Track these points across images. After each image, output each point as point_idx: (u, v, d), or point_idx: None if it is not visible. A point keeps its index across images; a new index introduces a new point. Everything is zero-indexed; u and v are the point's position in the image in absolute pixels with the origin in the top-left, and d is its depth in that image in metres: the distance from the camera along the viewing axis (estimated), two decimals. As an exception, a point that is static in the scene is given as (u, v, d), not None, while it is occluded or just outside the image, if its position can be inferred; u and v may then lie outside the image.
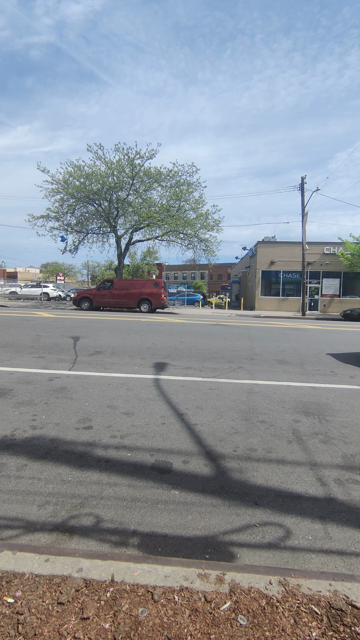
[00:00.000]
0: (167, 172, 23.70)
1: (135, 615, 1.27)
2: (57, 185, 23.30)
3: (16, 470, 2.36)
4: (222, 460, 2.61)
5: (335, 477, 2.42)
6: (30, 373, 4.87)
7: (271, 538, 1.81)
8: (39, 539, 1.75)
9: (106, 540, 1.75)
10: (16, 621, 1.23)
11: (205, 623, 1.25)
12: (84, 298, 20.14)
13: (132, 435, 2.97)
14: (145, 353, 6.67)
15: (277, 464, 2.56)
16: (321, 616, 1.29)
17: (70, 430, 3.01)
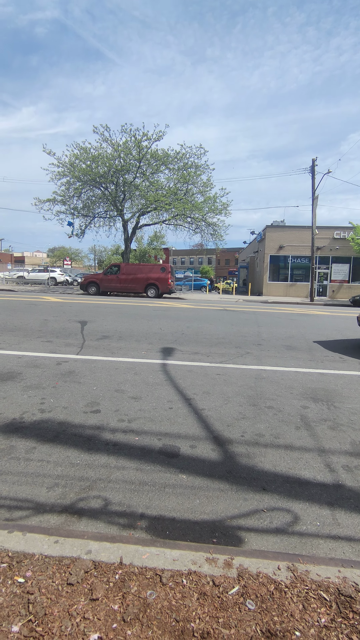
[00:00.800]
0: (175, 154, 23.22)
1: (144, 597, 1.27)
2: (63, 168, 23.01)
3: (25, 452, 2.39)
4: (229, 445, 2.60)
5: (344, 463, 2.40)
6: (38, 357, 4.89)
7: (279, 523, 1.81)
8: (48, 520, 1.77)
9: (114, 523, 1.77)
10: (27, 600, 1.24)
11: (213, 607, 1.25)
12: (90, 283, 20.14)
13: (140, 419, 2.98)
14: (152, 338, 6.67)
15: (285, 450, 2.55)
16: (330, 602, 1.28)
17: (78, 414, 3.03)
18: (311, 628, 1.19)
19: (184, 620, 1.20)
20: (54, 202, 23.70)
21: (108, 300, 15.57)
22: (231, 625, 1.19)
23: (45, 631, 1.13)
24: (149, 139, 22.44)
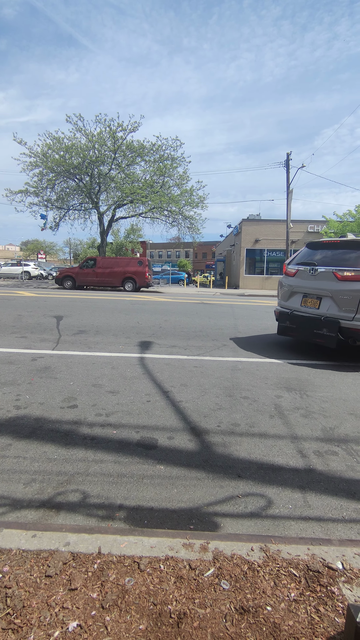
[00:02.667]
0: (151, 146, 22.97)
1: (122, 584, 1.31)
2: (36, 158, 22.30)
3: (0, 449, 2.35)
4: (206, 435, 2.66)
5: (315, 449, 2.51)
6: (12, 353, 4.79)
7: (253, 508, 1.89)
8: (25, 515, 1.76)
9: (93, 515, 1.78)
10: (4, 595, 1.25)
11: (189, 589, 1.30)
12: (66, 277, 19.75)
13: (118, 413, 2.99)
14: (130, 332, 6.65)
15: (260, 438, 2.64)
16: (299, 578, 1.36)
17: (55, 410, 3.00)
18: (282, 602, 1.26)
19: (162, 603, 1.24)
20: (26, 193, 22.97)
21: (84, 295, 15.34)
22: (206, 605, 1.24)
23: (24, 622, 1.15)
24: (124, 129, 22.10)
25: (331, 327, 4.65)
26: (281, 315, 5.53)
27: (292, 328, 5.33)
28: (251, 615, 1.20)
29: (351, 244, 4.96)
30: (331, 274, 4.84)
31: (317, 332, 4.84)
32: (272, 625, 1.17)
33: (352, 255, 4.79)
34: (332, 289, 4.78)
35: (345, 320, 4.56)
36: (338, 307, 4.68)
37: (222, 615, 1.20)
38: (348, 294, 4.57)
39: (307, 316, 5.06)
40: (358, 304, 4.45)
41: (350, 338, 4.57)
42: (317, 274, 5.07)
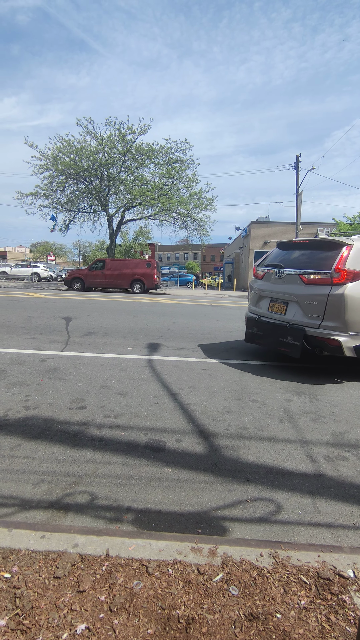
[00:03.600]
0: (160, 148, 23.09)
1: (130, 587, 1.30)
2: (46, 161, 22.59)
3: (10, 449, 2.37)
4: (214, 438, 2.65)
5: (325, 454, 2.48)
6: (22, 354, 4.84)
7: (262, 513, 1.87)
8: (34, 516, 1.77)
9: (101, 517, 1.78)
10: (13, 595, 1.25)
11: (198, 594, 1.29)
12: (75, 278, 19.91)
13: (126, 414, 2.99)
14: (138, 334, 6.66)
15: (269, 442, 2.62)
16: (310, 585, 1.34)
17: (63, 411, 3.02)
18: (292, 610, 1.24)
19: (170, 608, 1.23)
20: (36, 196, 23.28)
21: (93, 296, 15.43)
22: (215, 610, 1.23)
23: (32, 623, 1.15)
24: (134, 132, 22.24)
25: (296, 335, 4.20)
26: (249, 321, 5.10)
27: (259, 335, 4.84)
28: (261, 623, 1.19)
29: (320, 244, 4.50)
30: (297, 277, 4.39)
31: (282, 340, 4.38)
32: (282, 633, 1.15)
33: (320, 256, 4.33)
34: (298, 294, 4.33)
35: (311, 328, 4.11)
36: (304, 313, 4.24)
37: (231, 621, 1.19)
38: (314, 299, 4.13)
39: (273, 323, 4.60)
40: (324, 310, 4.01)
41: (317, 347, 4.11)
42: (283, 276, 4.63)
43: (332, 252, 4.15)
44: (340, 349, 3.87)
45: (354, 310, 3.85)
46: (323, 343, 4.00)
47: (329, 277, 4.01)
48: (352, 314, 3.84)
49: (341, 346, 3.85)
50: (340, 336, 3.88)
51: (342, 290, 3.89)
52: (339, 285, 3.94)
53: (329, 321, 3.97)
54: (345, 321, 3.86)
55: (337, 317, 3.90)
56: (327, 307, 3.98)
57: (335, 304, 3.92)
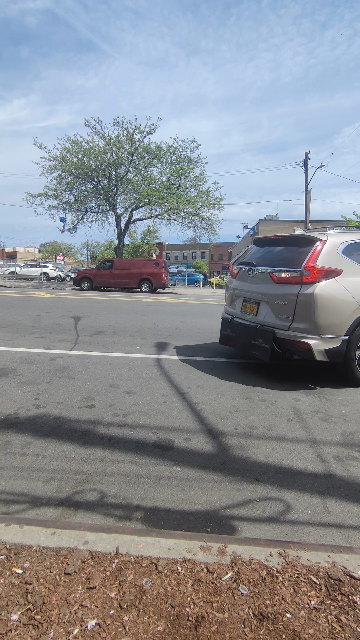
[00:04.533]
0: (168, 147, 23.08)
1: (140, 585, 1.31)
2: (55, 162, 22.76)
3: (21, 447, 2.40)
4: (223, 437, 2.65)
5: (335, 454, 2.46)
6: (32, 353, 4.89)
7: (271, 512, 1.86)
8: (45, 513, 1.79)
9: (110, 515, 1.80)
10: (25, 590, 1.27)
11: (207, 592, 1.29)
12: (84, 278, 20.05)
13: (135, 413, 3.01)
14: (147, 333, 6.68)
15: (278, 442, 2.60)
16: (320, 586, 1.33)
17: (73, 409, 3.05)
18: (301, 610, 1.23)
19: (179, 606, 1.23)
20: (45, 196, 23.48)
21: (101, 296, 15.52)
22: (225, 609, 1.23)
23: (44, 619, 1.16)
24: (142, 132, 22.27)
25: (266, 338, 3.90)
26: (223, 323, 4.82)
27: (232, 337, 4.57)
28: (270, 622, 1.18)
29: (293, 240, 4.20)
30: (268, 275, 4.10)
31: (253, 343, 4.10)
32: (291, 633, 1.15)
33: (292, 253, 4.03)
34: (268, 293, 4.05)
35: (281, 330, 3.81)
36: (274, 314, 3.95)
37: (240, 620, 1.19)
38: (284, 299, 3.83)
39: (245, 324, 4.31)
40: (294, 310, 3.71)
41: (287, 351, 3.83)
42: (254, 275, 4.34)
43: (305, 249, 3.87)
44: (311, 353, 3.62)
45: (325, 311, 3.59)
46: (293, 346, 3.73)
47: (299, 275, 3.74)
48: (323, 315, 3.58)
49: (311, 349, 3.59)
50: (311, 339, 3.61)
51: (312, 290, 3.61)
52: (309, 284, 3.66)
53: (299, 323, 3.69)
54: (316, 323, 3.60)
55: (307, 319, 3.64)
56: (296, 307, 3.71)
57: (305, 304, 3.65)
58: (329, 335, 3.62)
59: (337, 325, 3.63)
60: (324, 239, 3.82)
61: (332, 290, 3.62)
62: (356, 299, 3.65)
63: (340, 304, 3.63)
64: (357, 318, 3.65)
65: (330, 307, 3.60)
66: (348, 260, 3.79)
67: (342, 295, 3.63)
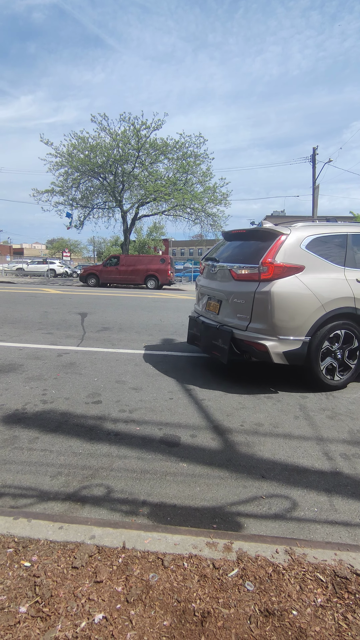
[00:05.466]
0: (174, 143, 22.93)
1: (147, 579, 1.32)
2: (61, 158, 22.75)
3: (28, 442, 2.43)
4: (229, 434, 2.65)
5: (342, 451, 2.44)
6: (39, 349, 4.93)
7: (277, 509, 1.86)
8: (52, 507, 1.81)
9: (117, 510, 1.81)
10: (33, 583, 1.29)
11: (213, 588, 1.30)
12: (90, 274, 20.10)
13: (141, 409, 3.02)
14: (153, 329, 6.69)
15: (284, 439, 2.60)
16: (326, 583, 1.33)
17: (80, 405, 3.07)
18: (308, 607, 1.23)
19: (185, 601, 1.24)
20: (52, 193, 23.51)
21: (108, 292, 15.57)
22: (231, 605, 1.23)
23: (51, 611, 1.18)
24: (148, 127, 22.15)
25: (225, 338, 3.66)
26: (190, 321, 4.58)
27: (197, 336, 4.30)
28: (276, 619, 1.19)
29: (255, 234, 3.93)
30: (228, 272, 3.86)
31: (214, 343, 3.86)
32: (297, 630, 1.15)
33: (253, 248, 3.75)
34: (227, 291, 3.82)
35: (239, 330, 3.57)
36: (233, 313, 3.71)
37: (246, 616, 1.19)
38: (242, 297, 3.59)
39: (207, 323, 4.06)
40: (252, 309, 3.48)
41: (245, 352, 3.61)
42: (216, 271, 4.12)
43: (266, 244, 3.60)
44: (268, 355, 3.38)
45: (283, 310, 3.35)
46: (250, 347, 3.49)
47: (257, 272, 3.51)
48: (281, 315, 3.35)
49: (268, 352, 3.36)
50: (268, 340, 3.37)
51: (268, 288, 3.37)
52: (266, 282, 3.42)
53: (257, 323, 3.46)
54: (273, 323, 3.36)
55: (264, 319, 3.40)
56: (254, 306, 3.47)
57: (261, 303, 3.41)
58: (287, 336, 3.39)
59: (297, 325, 3.39)
60: (286, 233, 3.54)
61: (291, 288, 3.37)
62: (319, 298, 3.39)
63: (300, 303, 3.37)
64: (319, 318, 3.40)
65: (289, 307, 3.36)
66: (312, 256, 3.53)
67: (303, 293, 3.38)
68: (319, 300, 3.39)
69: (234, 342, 3.62)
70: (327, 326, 3.46)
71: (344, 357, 3.61)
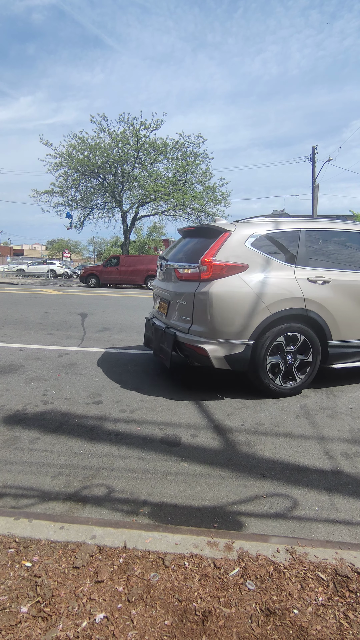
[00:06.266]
0: (173, 143, 22.95)
1: (147, 579, 1.32)
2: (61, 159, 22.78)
3: (29, 443, 2.43)
4: (230, 434, 2.65)
5: (343, 450, 2.44)
6: (39, 349, 4.93)
7: (278, 508, 1.86)
8: (53, 507, 1.81)
9: (118, 510, 1.81)
10: (34, 583, 1.29)
11: (214, 587, 1.30)
12: (90, 275, 20.11)
13: (141, 409, 3.02)
14: (153, 329, 6.69)
15: (285, 438, 2.60)
16: (327, 582, 1.33)
17: (80, 405, 3.07)
18: (309, 606, 1.23)
19: (187, 600, 1.24)
20: (52, 193, 23.53)
21: (108, 292, 15.57)
22: (232, 604, 1.23)
23: (53, 611, 1.18)
24: (147, 128, 22.16)
25: (169, 341, 3.44)
26: (146, 323, 4.31)
27: (151, 339, 4.05)
28: (277, 618, 1.19)
29: (202, 231, 3.73)
30: (173, 271, 3.65)
31: (161, 346, 3.63)
32: (299, 628, 1.15)
33: (198, 246, 3.52)
34: (172, 291, 3.61)
35: (182, 333, 3.34)
36: (178, 315, 3.49)
37: (247, 615, 1.19)
38: (184, 298, 3.36)
39: (157, 325, 3.85)
40: (193, 311, 3.24)
41: (187, 356, 3.41)
42: (165, 270, 3.91)
43: (209, 241, 3.38)
44: (208, 359, 3.18)
45: (222, 312, 3.12)
46: (192, 351, 3.27)
47: (197, 271, 3.28)
48: (221, 317, 3.12)
49: (208, 356, 3.15)
50: (208, 344, 3.16)
51: (207, 288, 3.14)
52: (206, 282, 3.19)
53: (198, 325, 3.24)
54: (213, 326, 3.14)
55: (204, 321, 3.18)
56: (194, 308, 3.24)
57: (201, 304, 3.18)
58: (229, 340, 3.16)
59: (239, 328, 3.15)
60: (230, 230, 3.32)
61: (232, 288, 3.14)
62: (262, 299, 3.15)
63: (241, 304, 3.14)
64: (264, 320, 3.16)
65: (230, 308, 3.13)
66: (258, 254, 3.28)
67: (245, 294, 3.14)
68: (263, 302, 3.15)
69: (177, 345, 3.41)
70: (274, 329, 3.23)
71: (295, 362, 3.37)
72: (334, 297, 3.38)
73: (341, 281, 3.44)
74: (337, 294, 3.40)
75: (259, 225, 3.44)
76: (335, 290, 3.40)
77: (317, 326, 3.37)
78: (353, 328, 3.50)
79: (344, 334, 3.46)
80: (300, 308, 3.27)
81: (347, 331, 3.47)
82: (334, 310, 3.38)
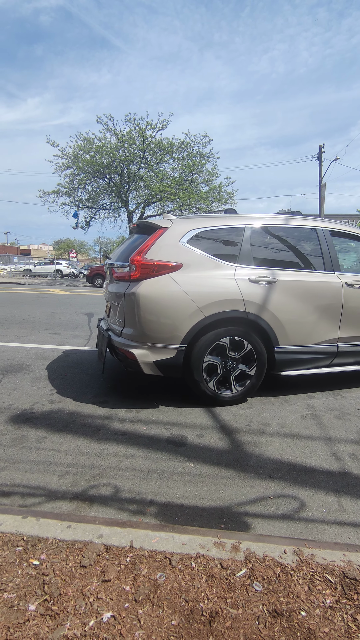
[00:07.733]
0: (179, 143, 22.93)
1: (154, 579, 1.32)
2: (67, 159, 22.88)
3: (36, 442, 2.45)
4: (236, 434, 2.64)
5: (350, 452, 2.42)
6: (46, 349, 4.96)
7: (285, 510, 1.85)
8: (60, 506, 1.82)
9: (124, 509, 1.82)
10: (42, 581, 1.29)
11: (221, 588, 1.29)
12: (96, 275, 20.19)
13: (147, 409, 3.02)
14: (159, 329, 6.70)
15: (292, 439, 2.58)
16: (335, 584, 1.32)
17: (87, 404, 3.08)
18: (316, 608, 1.23)
19: (193, 601, 1.24)
20: (58, 194, 23.65)
21: (114, 292, 15.61)
22: (239, 605, 1.23)
23: (60, 610, 1.19)
24: (153, 128, 22.16)
25: (105, 344, 3.29)
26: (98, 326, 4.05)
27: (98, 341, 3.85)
28: (285, 619, 1.18)
29: (141, 228, 3.46)
30: (111, 271, 3.48)
31: (100, 349, 3.50)
32: (306, 631, 1.14)
33: (134, 244, 3.27)
34: (110, 292, 3.43)
35: (115, 336, 3.17)
36: (113, 317, 3.32)
37: (254, 617, 1.19)
38: (117, 299, 3.15)
39: (100, 327, 3.73)
40: (124, 313, 3.02)
41: (122, 361, 3.18)
42: (108, 270, 3.65)
43: (145, 238, 3.16)
44: (137, 365, 2.96)
45: (150, 314, 2.88)
46: (124, 356, 3.03)
47: (128, 271, 3.05)
48: (148, 320, 2.89)
49: (137, 361, 2.94)
50: (136, 348, 2.95)
51: (135, 289, 2.91)
52: (135, 282, 2.95)
53: (128, 328, 3.02)
54: (141, 329, 2.92)
55: (133, 324, 2.96)
56: (124, 309, 3.02)
57: (130, 306, 2.95)
58: (158, 344, 2.94)
59: (169, 331, 2.92)
60: (165, 227, 3.08)
61: (162, 289, 2.90)
62: (195, 300, 2.90)
63: (171, 306, 2.89)
64: (197, 323, 2.92)
65: (158, 310, 2.89)
66: (194, 252, 3.03)
67: (176, 295, 2.90)
68: (195, 303, 2.90)
69: (112, 348, 3.24)
70: (210, 332, 2.99)
71: (235, 368, 3.12)
72: (280, 299, 3.09)
73: (289, 282, 3.15)
74: (284, 295, 3.11)
75: (198, 221, 3.21)
76: (282, 291, 3.11)
77: (260, 330, 3.10)
78: (303, 333, 3.23)
79: (292, 339, 3.19)
80: (240, 310, 2.99)
81: (296, 337, 3.20)
82: (280, 314, 3.09)
